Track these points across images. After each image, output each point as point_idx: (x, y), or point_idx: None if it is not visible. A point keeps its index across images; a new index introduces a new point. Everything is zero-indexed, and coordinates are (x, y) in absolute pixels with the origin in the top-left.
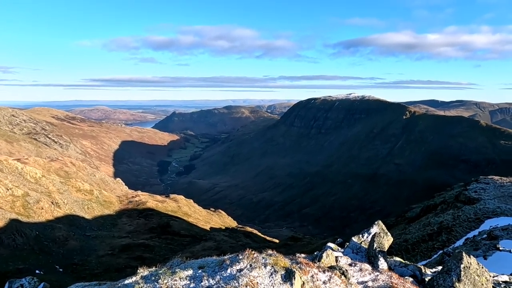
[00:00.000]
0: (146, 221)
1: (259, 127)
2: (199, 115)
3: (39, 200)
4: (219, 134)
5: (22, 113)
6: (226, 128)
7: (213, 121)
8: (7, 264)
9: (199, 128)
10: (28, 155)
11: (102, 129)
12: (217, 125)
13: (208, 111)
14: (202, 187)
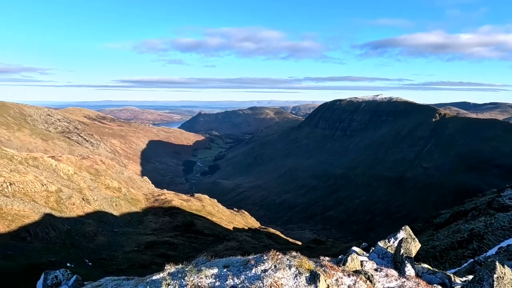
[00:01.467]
0: (171, 219)
1: (283, 128)
2: (224, 115)
3: (71, 196)
4: (243, 134)
5: (56, 112)
6: (250, 129)
7: (237, 122)
8: (40, 256)
9: (223, 129)
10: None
11: (130, 129)
12: (242, 126)
13: (233, 112)
14: (225, 187)
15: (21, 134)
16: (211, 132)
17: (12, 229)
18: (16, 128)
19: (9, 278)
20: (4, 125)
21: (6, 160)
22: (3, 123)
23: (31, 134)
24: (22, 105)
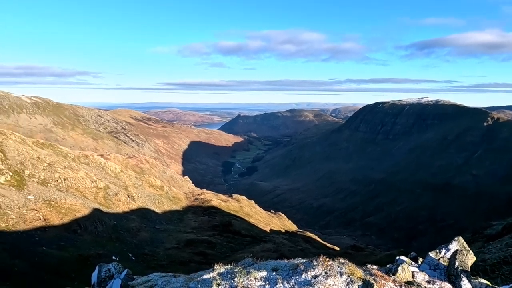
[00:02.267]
0: (210, 218)
1: (322, 131)
2: (262, 118)
3: (117, 192)
4: (282, 137)
5: (106, 113)
6: (289, 131)
7: (276, 124)
8: (89, 249)
9: (262, 131)
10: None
11: (173, 130)
12: (280, 128)
13: (272, 114)
14: (263, 189)
15: (75, 133)
16: (250, 134)
17: (65, 221)
18: (70, 128)
19: (63, 267)
20: (60, 125)
21: (61, 157)
22: (59, 123)
23: (83, 133)
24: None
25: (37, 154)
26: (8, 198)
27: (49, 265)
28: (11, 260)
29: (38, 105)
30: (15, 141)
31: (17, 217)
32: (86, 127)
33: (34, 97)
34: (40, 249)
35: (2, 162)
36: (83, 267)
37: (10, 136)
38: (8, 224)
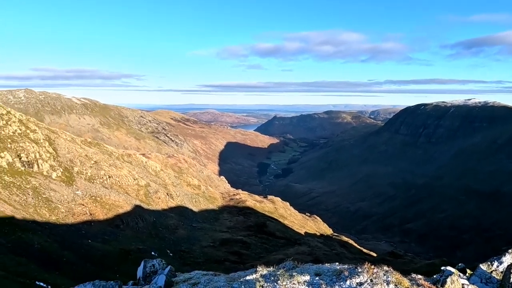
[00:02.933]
0: (245, 218)
1: (360, 133)
2: (298, 119)
3: (157, 190)
4: (318, 139)
5: (148, 114)
6: (325, 133)
7: (312, 126)
8: (130, 244)
9: (298, 132)
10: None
11: (210, 131)
12: (316, 130)
13: (308, 116)
14: (298, 191)
15: (119, 133)
16: (286, 136)
17: (109, 217)
18: (115, 128)
19: (106, 260)
20: (106, 125)
21: (106, 155)
22: (105, 123)
23: (127, 133)
24: (121, 108)
25: (85, 152)
26: (58, 193)
27: (94, 257)
28: (61, 251)
29: (87, 106)
30: (66, 140)
31: (66, 211)
32: (129, 127)
33: (83, 99)
34: (86, 241)
35: (54, 159)
36: (124, 261)
37: (61, 135)
38: (58, 217)
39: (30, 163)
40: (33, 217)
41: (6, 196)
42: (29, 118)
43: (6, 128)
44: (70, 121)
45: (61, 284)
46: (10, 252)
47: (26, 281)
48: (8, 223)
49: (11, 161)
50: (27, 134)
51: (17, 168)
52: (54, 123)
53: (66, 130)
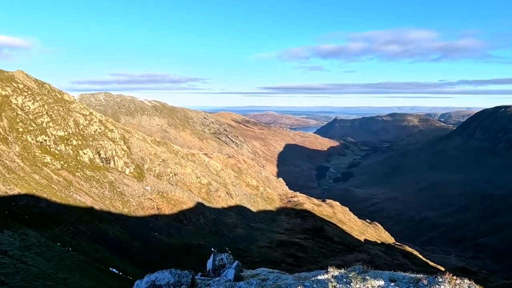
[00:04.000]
0: (302, 221)
1: (428, 137)
2: (360, 122)
3: (218, 189)
4: (381, 142)
5: (211, 116)
6: (389, 137)
7: (375, 129)
8: (192, 239)
9: (359, 136)
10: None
11: (270, 132)
12: (379, 133)
13: (371, 118)
14: (358, 196)
15: (184, 133)
16: (346, 139)
17: (174, 212)
18: (181, 129)
19: (170, 252)
20: (173, 126)
21: (173, 154)
22: (172, 124)
23: (191, 134)
24: (186, 110)
25: (154, 151)
26: (131, 187)
27: (160, 249)
28: (132, 241)
29: (157, 108)
30: (138, 139)
31: (137, 204)
32: (193, 128)
33: (154, 101)
34: (153, 234)
35: (128, 157)
36: (186, 255)
37: (134, 134)
38: (130, 210)
39: (107, 160)
40: (108, 208)
41: (87, 188)
42: (107, 119)
43: (89, 127)
44: (142, 121)
45: (131, 271)
46: (89, 239)
47: (102, 266)
48: (88, 213)
49: (92, 157)
50: (106, 133)
51: (96, 164)
52: (128, 124)
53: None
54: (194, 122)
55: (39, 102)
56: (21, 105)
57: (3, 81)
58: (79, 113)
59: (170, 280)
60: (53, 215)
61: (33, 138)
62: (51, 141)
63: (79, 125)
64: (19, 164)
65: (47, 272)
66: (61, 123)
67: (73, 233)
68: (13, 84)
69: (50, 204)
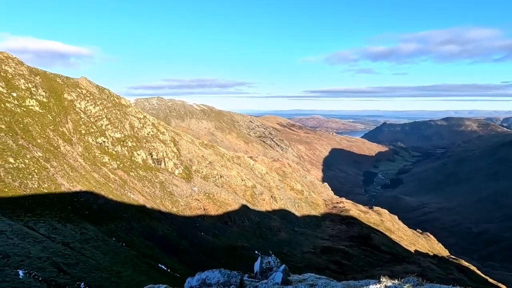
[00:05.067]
0: (347, 228)
1: (488, 144)
2: (411, 126)
3: (262, 192)
4: (434, 148)
5: (256, 119)
6: (443, 143)
7: (427, 134)
8: (236, 240)
9: (410, 141)
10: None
11: (315, 136)
12: (432, 139)
13: (423, 123)
14: (408, 204)
15: (230, 136)
16: (396, 144)
17: (219, 213)
18: (227, 132)
19: (215, 252)
20: (220, 129)
21: (219, 157)
22: (219, 127)
23: (237, 137)
24: (233, 113)
25: (201, 153)
26: (179, 187)
27: (205, 248)
28: (179, 239)
29: (204, 112)
30: (187, 141)
31: (185, 204)
32: (239, 131)
33: (202, 105)
34: (199, 234)
35: (177, 158)
36: (231, 255)
37: (183, 137)
38: (178, 209)
39: (159, 161)
40: (159, 207)
41: (140, 187)
42: (159, 122)
43: (142, 130)
44: (190, 125)
45: (178, 269)
46: (141, 236)
47: (151, 262)
48: (140, 210)
49: (145, 158)
50: (158, 136)
51: (149, 164)
52: (178, 127)
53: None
54: (240, 125)
55: (99, 106)
56: (84, 109)
57: (70, 87)
58: (134, 117)
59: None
60: (109, 211)
61: (93, 139)
62: (109, 143)
63: (134, 127)
64: (81, 163)
65: (103, 265)
66: (118, 125)
67: (127, 229)
68: (77, 90)
69: (107, 201)
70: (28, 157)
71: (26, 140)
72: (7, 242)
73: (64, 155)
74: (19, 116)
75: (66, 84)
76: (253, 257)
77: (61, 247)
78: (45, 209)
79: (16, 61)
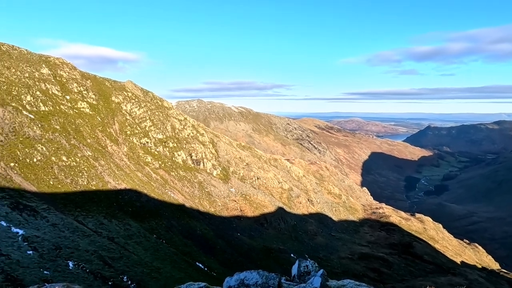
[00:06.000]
0: (387, 235)
1: None
2: (458, 130)
3: (299, 195)
4: (484, 154)
5: (294, 122)
6: (495, 148)
7: (477, 138)
8: (272, 242)
9: (457, 145)
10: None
11: (354, 139)
12: (482, 143)
13: (472, 126)
14: (454, 212)
15: (268, 138)
16: (441, 148)
17: (256, 215)
18: (265, 134)
19: (251, 253)
20: (257, 131)
21: (256, 158)
22: (256, 129)
23: (274, 139)
24: (270, 115)
25: (239, 155)
26: (217, 188)
27: (241, 249)
28: (216, 239)
29: (242, 114)
30: (225, 143)
31: (222, 205)
32: (277, 133)
33: (240, 107)
34: (236, 234)
35: (215, 159)
36: (266, 257)
37: (222, 138)
38: (216, 209)
39: (198, 161)
40: (197, 207)
41: (180, 187)
42: (199, 124)
43: (183, 131)
44: (229, 126)
45: (214, 268)
46: (180, 234)
47: (190, 260)
48: (180, 209)
49: (185, 158)
50: (197, 137)
51: (188, 165)
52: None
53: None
54: (278, 127)
55: (144, 108)
56: (129, 111)
57: (117, 90)
58: (175, 119)
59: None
60: (151, 209)
61: (137, 140)
62: (152, 143)
63: (175, 129)
64: (126, 162)
65: (144, 260)
66: (160, 127)
67: (167, 227)
68: (124, 93)
69: (149, 199)
70: (79, 155)
71: (77, 140)
72: (59, 234)
73: (111, 154)
74: (71, 118)
75: (114, 88)
76: (288, 260)
77: (107, 241)
78: (93, 205)
79: (70, 66)
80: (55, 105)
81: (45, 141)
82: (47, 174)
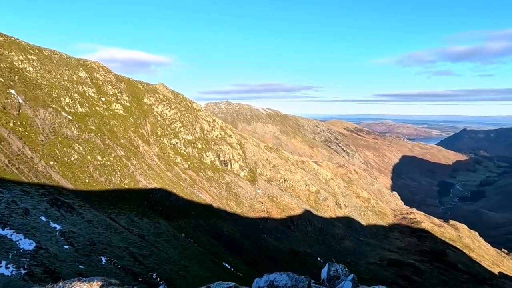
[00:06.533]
0: (418, 242)
1: None
2: (497, 133)
3: (326, 198)
4: None
5: (322, 124)
6: None
7: None
8: (298, 245)
9: (495, 149)
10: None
11: (384, 142)
12: None
13: None
14: (491, 220)
15: (295, 140)
16: (478, 152)
17: (282, 217)
18: (292, 136)
19: (277, 255)
20: (285, 133)
21: (283, 160)
22: (284, 131)
23: (302, 141)
24: (298, 117)
25: (266, 156)
26: (244, 189)
27: (267, 250)
28: (243, 240)
29: (270, 116)
30: (252, 144)
31: (249, 206)
32: (304, 135)
33: (268, 109)
34: (262, 236)
35: (243, 161)
36: (293, 260)
37: (249, 140)
38: (242, 210)
39: (225, 162)
40: (224, 207)
41: (208, 187)
42: (227, 125)
43: (211, 133)
44: (256, 128)
45: (241, 268)
46: (207, 234)
47: (216, 260)
48: (207, 209)
49: (213, 159)
50: (225, 138)
51: (216, 166)
52: (244, 130)
53: (253, 136)
54: (305, 129)
55: (174, 110)
56: (160, 112)
57: (149, 92)
58: (204, 120)
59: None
60: (180, 208)
61: (168, 141)
62: (181, 144)
63: (203, 130)
64: (156, 162)
65: (172, 258)
66: (189, 128)
67: (195, 226)
68: (155, 95)
69: (178, 199)
70: (112, 155)
71: (111, 140)
72: (94, 231)
73: (143, 154)
74: (106, 119)
75: (146, 90)
76: (315, 263)
77: (138, 239)
78: (125, 203)
79: (105, 69)
80: (91, 106)
81: (81, 141)
82: (83, 172)
